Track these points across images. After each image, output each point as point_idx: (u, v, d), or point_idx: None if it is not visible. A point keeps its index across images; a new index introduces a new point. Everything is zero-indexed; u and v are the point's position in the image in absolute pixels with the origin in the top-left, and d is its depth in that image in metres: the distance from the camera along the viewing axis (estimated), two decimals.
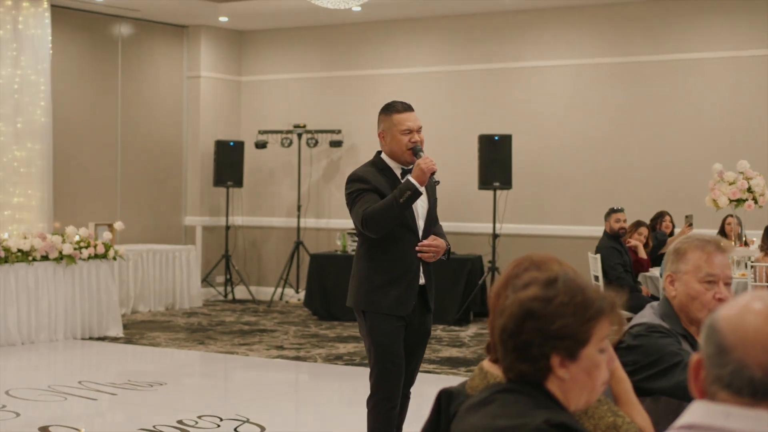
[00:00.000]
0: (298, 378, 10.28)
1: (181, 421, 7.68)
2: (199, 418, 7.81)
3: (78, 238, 11.63)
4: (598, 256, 11.28)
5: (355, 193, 5.57)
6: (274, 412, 8.26)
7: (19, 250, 11.10)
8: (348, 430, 7.71)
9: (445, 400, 2.99)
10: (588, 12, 13.61)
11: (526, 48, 14.02)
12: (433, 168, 5.49)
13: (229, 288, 15.44)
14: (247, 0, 14.16)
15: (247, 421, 7.73)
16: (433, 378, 9.23)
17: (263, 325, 12.86)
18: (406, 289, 5.57)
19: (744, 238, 11.02)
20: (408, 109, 5.68)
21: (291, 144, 15.10)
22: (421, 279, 5.65)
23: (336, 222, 15.09)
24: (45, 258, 11.32)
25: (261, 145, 15.20)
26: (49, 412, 8.07)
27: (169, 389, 9.08)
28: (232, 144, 15.16)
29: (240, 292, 15.56)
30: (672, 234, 12.50)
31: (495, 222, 13.49)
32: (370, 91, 14.88)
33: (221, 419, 7.77)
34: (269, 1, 14.04)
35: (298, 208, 15.12)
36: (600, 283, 10.64)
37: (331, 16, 14.52)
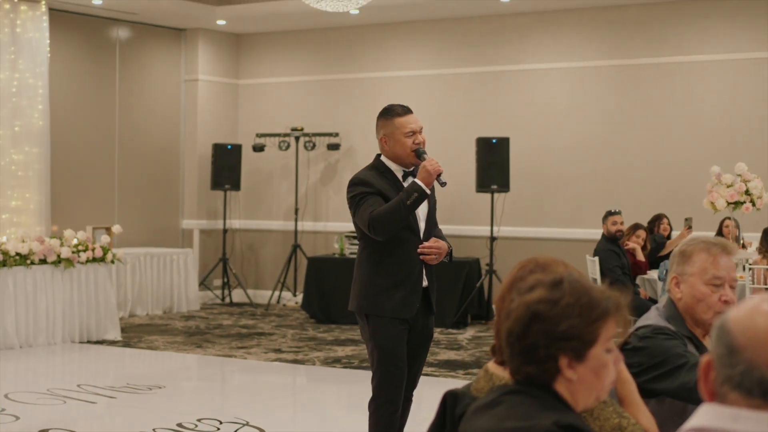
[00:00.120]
0: (296, 381, 10.28)
1: (180, 424, 7.67)
2: (199, 421, 7.80)
3: (76, 242, 11.63)
4: (596, 259, 11.30)
5: (359, 196, 5.57)
6: (274, 415, 8.26)
7: (17, 254, 11.09)
8: None
9: (450, 401, 3.00)
10: (586, 15, 13.62)
11: (523, 51, 14.03)
12: (439, 169, 5.50)
13: (226, 291, 15.43)
14: (245, 3, 14.17)
15: (246, 424, 7.73)
16: (431, 381, 9.22)
17: (261, 328, 12.85)
18: (410, 292, 5.56)
19: (742, 241, 11.04)
20: (408, 111, 5.69)
21: (288, 147, 15.10)
22: (424, 281, 5.65)
23: (333, 225, 15.09)
24: (43, 261, 11.32)
25: (258, 148, 15.20)
26: (49, 416, 8.05)
27: (168, 392, 9.07)
28: (229, 147, 15.16)
29: (237, 295, 15.56)
30: (669, 237, 12.52)
31: (493, 225, 13.50)
32: (367, 94, 14.89)
33: (221, 422, 7.77)
34: (267, 4, 14.05)
35: (296, 211, 15.12)
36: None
37: (328, 20, 14.53)
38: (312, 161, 15.36)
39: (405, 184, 5.61)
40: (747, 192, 10.32)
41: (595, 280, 11.07)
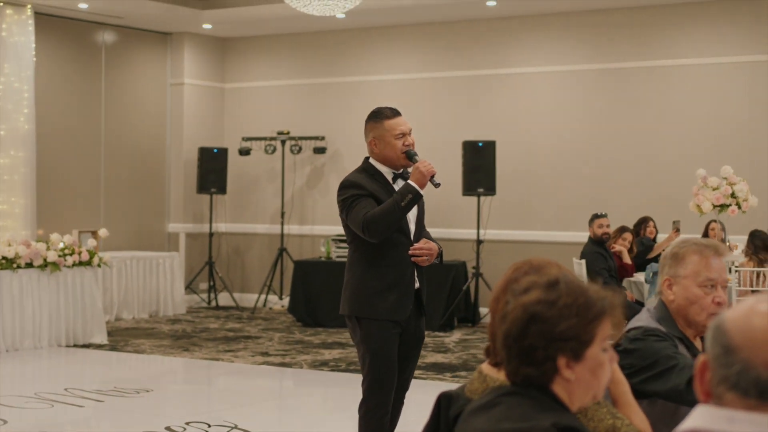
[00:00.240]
0: (284, 384, 10.27)
1: (169, 428, 7.67)
2: (187, 424, 7.80)
3: (62, 246, 11.60)
4: (583, 262, 11.32)
5: (351, 198, 5.56)
6: (262, 418, 8.25)
7: (3, 258, 11.07)
8: None
9: (444, 403, 3.01)
10: (572, 19, 13.66)
11: (509, 54, 14.05)
12: (433, 171, 5.52)
13: (212, 295, 15.41)
14: (231, 7, 14.16)
15: (235, 427, 7.72)
16: (419, 383, 9.20)
17: (248, 331, 12.84)
18: (403, 294, 5.56)
19: (727, 244, 11.07)
20: (397, 113, 5.70)
21: (274, 151, 15.09)
22: (416, 283, 5.66)
23: (320, 228, 15.09)
24: (29, 265, 11.29)
25: (244, 152, 15.19)
26: (36, 420, 8.04)
27: (156, 396, 9.06)
28: (215, 151, 15.15)
29: (223, 298, 15.54)
30: (655, 240, 12.55)
31: (479, 228, 13.51)
32: (353, 97, 14.90)
33: (209, 425, 7.76)
34: (253, 9, 14.05)
35: (282, 214, 15.12)
36: None
37: (314, 23, 14.53)
38: (298, 165, 15.36)
39: (395, 187, 5.62)
40: (733, 195, 10.38)
41: None
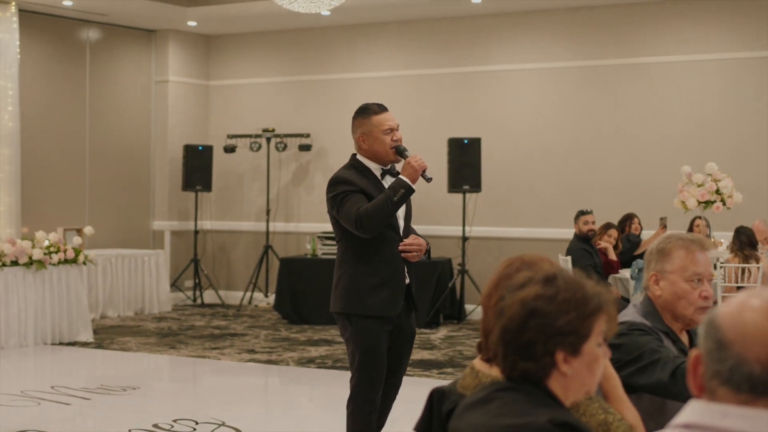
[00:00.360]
0: (271, 381, 10.28)
1: (156, 425, 7.67)
2: (175, 421, 7.80)
3: (47, 243, 11.57)
4: (569, 258, 11.35)
5: (341, 194, 5.55)
6: (249, 416, 8.25)
7: None
8: None
9: (437, 398, 3.02)
10: (556, 16, 13.69)
11: (494, 52, 14.07)
12: (425, 165, 5.56)
13: (197, 292, 15.40)
14: (216, 4, 14.15)
15: (222, 424, 7.73)
16: (405, 380, 9.17)
17: (234, 329, 12.84)
18: (396, 289, 5.57)
19: (712, 240, 11.12)
20: (384, 109, 5.71)
21: (260, 148, 15.08)
22: (406, 278, 5.67)
23: (305, 226, 15.08)
24: (15, 263, 11.26)
25: (230, 149, 15.18)
26: (23, 418, 8.02)
27: (143, 393, 9.06)
28: (200, 148, 15.13)
29: (209, 296, 15.52)
30: (640, 236, 12.59)
31: (465, 225, 13.54)
32: (339, 95, 14.90)
33: (197, 423, 7.76)
34: (237, 6, 14.04)
35: (267, 212, 15.11)
36: None
37: (299, 21, 14.52)
38: (283, 162, 15.35)
39: (384, 182, 5.63)
40: (717, 191, 10.42)
41: None
